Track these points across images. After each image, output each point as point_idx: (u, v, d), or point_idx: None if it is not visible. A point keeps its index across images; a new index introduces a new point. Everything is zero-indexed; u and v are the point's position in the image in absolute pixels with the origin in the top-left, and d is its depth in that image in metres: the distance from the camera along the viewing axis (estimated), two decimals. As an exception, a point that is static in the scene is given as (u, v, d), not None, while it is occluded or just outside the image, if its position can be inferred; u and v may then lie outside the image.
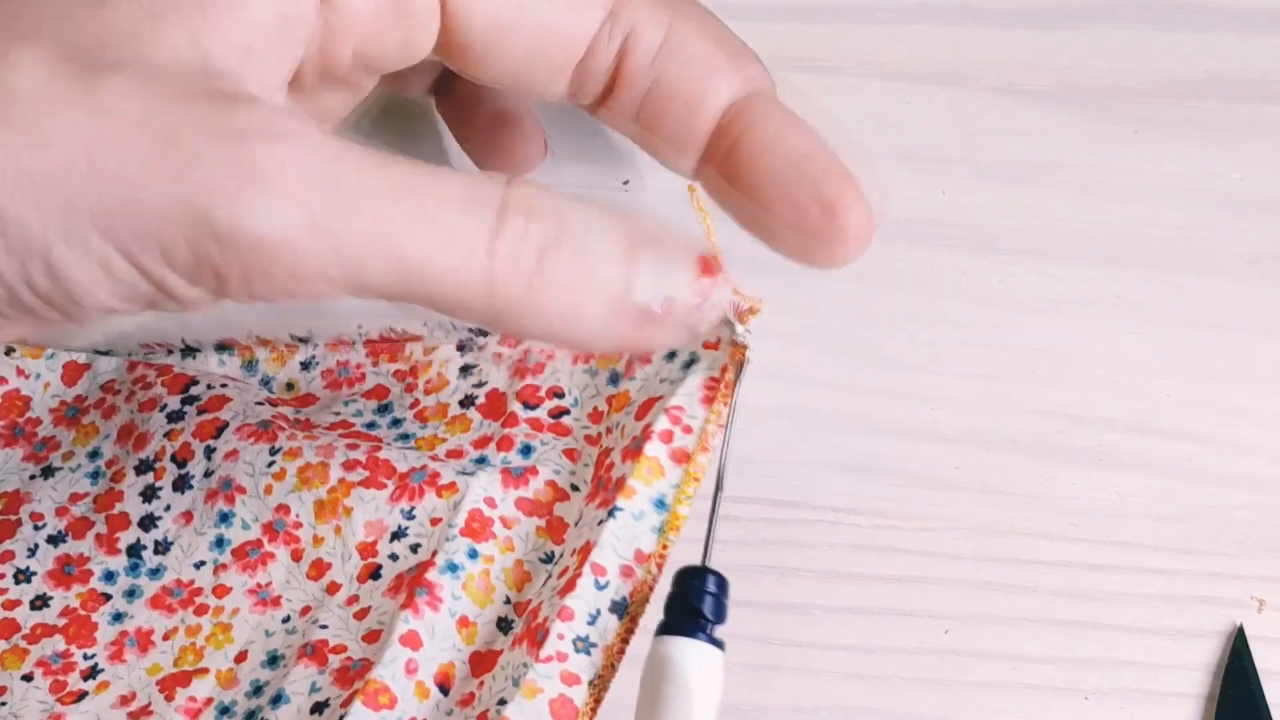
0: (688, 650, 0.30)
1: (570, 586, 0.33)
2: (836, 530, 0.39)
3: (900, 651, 0.37)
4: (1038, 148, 0.46)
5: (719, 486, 0.33)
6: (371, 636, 0.35)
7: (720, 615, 0.31)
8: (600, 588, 0.33)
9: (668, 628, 0.31)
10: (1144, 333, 0.42)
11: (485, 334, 0.39)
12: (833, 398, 0.41)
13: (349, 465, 0.37)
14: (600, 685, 0.33)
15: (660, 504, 0.34)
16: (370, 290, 0.29)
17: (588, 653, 0.33)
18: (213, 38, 0.29)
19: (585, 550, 0.34)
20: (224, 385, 0.39)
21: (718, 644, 0.30)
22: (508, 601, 0.35)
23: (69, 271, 0.28)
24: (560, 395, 0.37)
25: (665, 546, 0.34)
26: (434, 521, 0.36)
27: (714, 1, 0.49)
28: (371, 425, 0.39)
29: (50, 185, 0.27)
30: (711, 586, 0.31)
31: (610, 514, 0.34)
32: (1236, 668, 0.36)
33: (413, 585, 0.35)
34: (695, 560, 0.32)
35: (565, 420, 0.37)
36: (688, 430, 0.34)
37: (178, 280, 0.29)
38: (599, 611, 0.33)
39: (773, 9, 0.49)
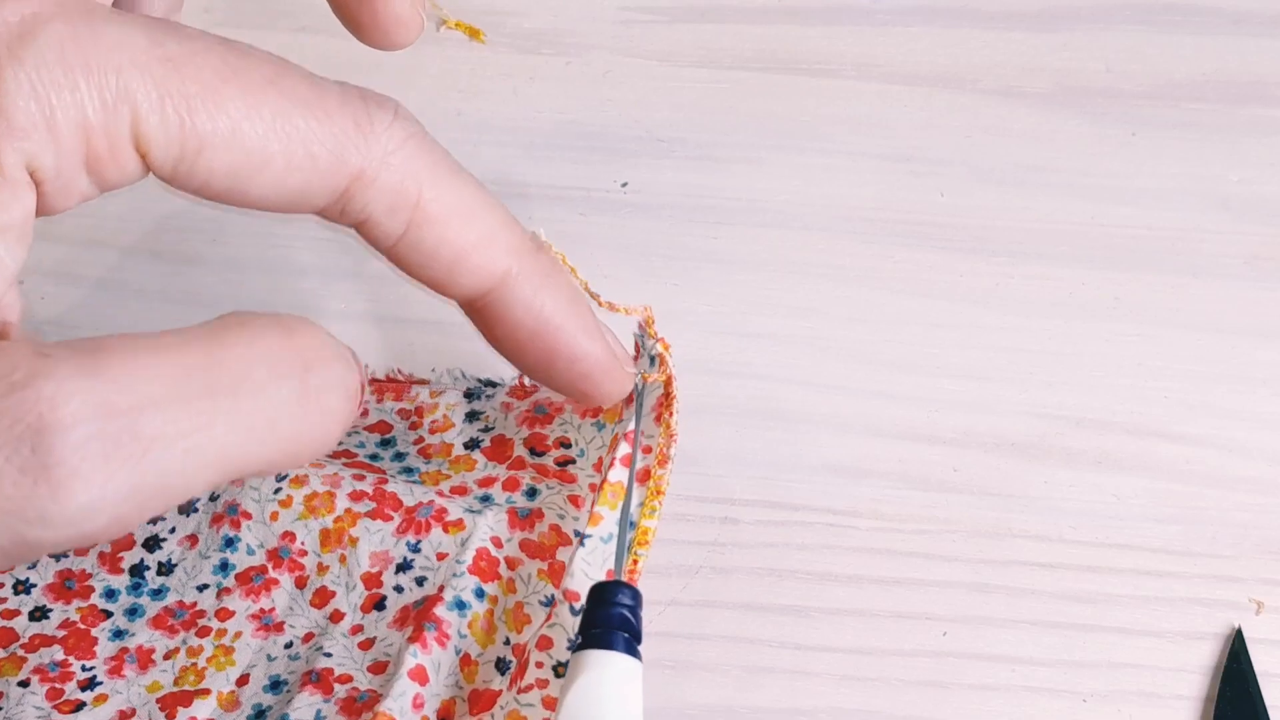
0: (604, 661, 0.30)
1: (548, 616, 0.34)
2: (834, 532, 0.39)
3: (898, 653, 0.37)
4: (1035, 150, 0.46)
5: (627, 502, 0.34)
6: (378, 668, 0.35)
7: (635, 627, 0.30)
8: (576, 613, 0.33)
9: (587, 641, 0.30)
10: (1142, 334, 0.42)
11: (494, 384, 0.39)
12: (830, 399, 0.41)
13: (355, 496, 0.37)
14: None
15: (628, 523, 0.34)
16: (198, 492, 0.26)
17: None
18: None
19: (560, 581, 0.34)
20: None
21: (635, 655, 0.30)
22: (507, 643, 0.35)
23: None
24: (567, 445, 0.37)
25: (636, 562, 0.35)
26: (440, 556, 0.36)
27: (709, 4, 0.49)
28: (374, 458, 0.39)
29: None
30: (625, 599, 0.30)
31: (580, 542, 0.34)
32: (1235, 670, 0.36)
33: (420, 619, 0.35)
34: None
35: (570, 469, 0.37)
36: (646, 450, 0.35)
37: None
38: (579, 637, 0.33)
39: (770, 11, 0.49)
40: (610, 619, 0.30)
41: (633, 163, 0.46)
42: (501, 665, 0.35)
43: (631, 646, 0.30)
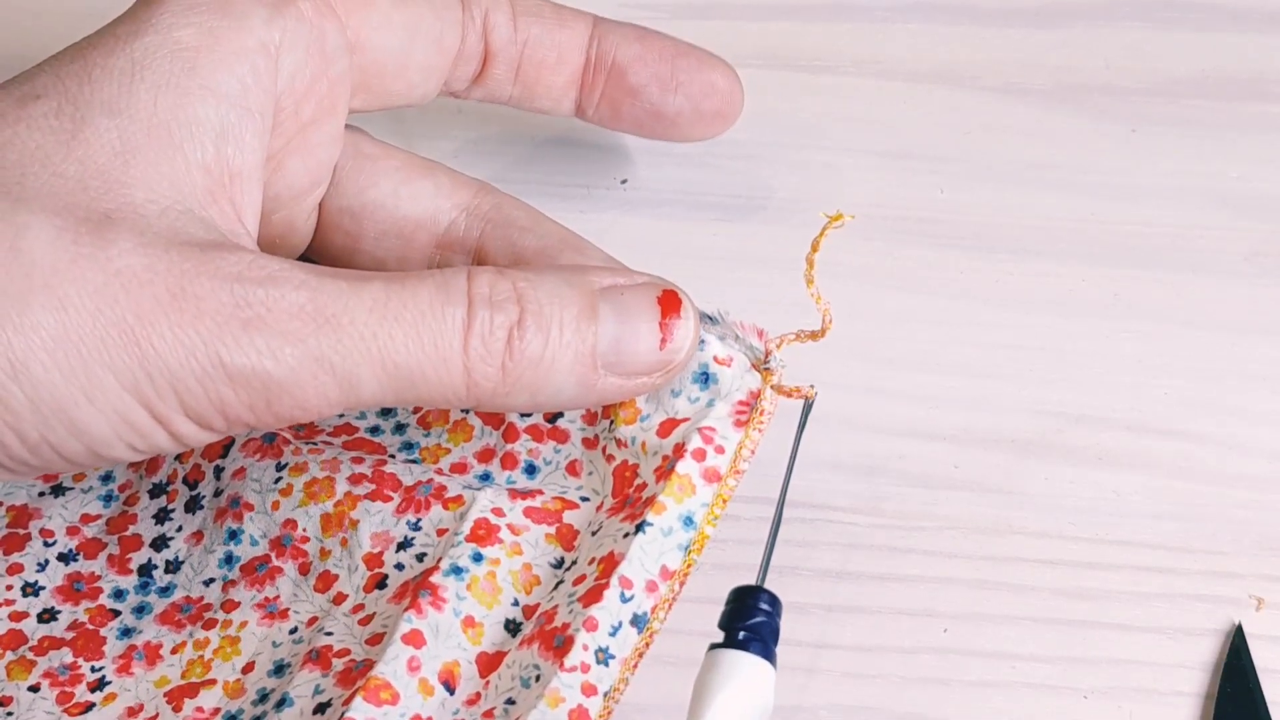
0: (749, 664, 0.30)
1: (596, 597, 0.34)
2: (834, 529, 0.39)
3: (899, 650, 0.37)
4: (1035, 147, 0.46)
5: (780, 512, 0.34)
6: (375, 640, 0.35)
7: (776, 635, 0.31)
8: (625, 600, 0.34)
9: (729, 642, 0.31)
10: (1141, 332, 0.42)
11: None
12: (831, 397, 0.41)
13: (355, 479, 0.37)
14: (613, 697, 0.33)
15: (688, 521, 0.35)
16: (365, 404, 0.32)
17: (606, 664, 0.33)
18: (183, 173, 0.32)
19: (609, 561, 0.34)
20: None
21: (772, 662, 0.31)
22: (516, 604, 0.35)
23: (92, 428, 0.30)
24: None
25: (689, 565, 0.35)
26: (440, 532, 0.36)
27: (709, 1, 0.49)
28: (375, 430, 0.39)
29: (72, 345, 0.29)
30: (767, 605, 0.31)
31: (639, 529, 0.34)
32: (1235, 666, 0.36)
33: (416, 589, 0.35)
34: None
35: (560, 424, 0.37)
36: (720, 450, 0.35)
37: (189, 426, 0.31)
38: (620, 624, 0.33)
39: (770, 8, 0.49)
40: (762, 629, 0.31)
41: (633, 160, 0.46)
42: (511, 627, 0.35)
43: (774, 655, 0.31)
